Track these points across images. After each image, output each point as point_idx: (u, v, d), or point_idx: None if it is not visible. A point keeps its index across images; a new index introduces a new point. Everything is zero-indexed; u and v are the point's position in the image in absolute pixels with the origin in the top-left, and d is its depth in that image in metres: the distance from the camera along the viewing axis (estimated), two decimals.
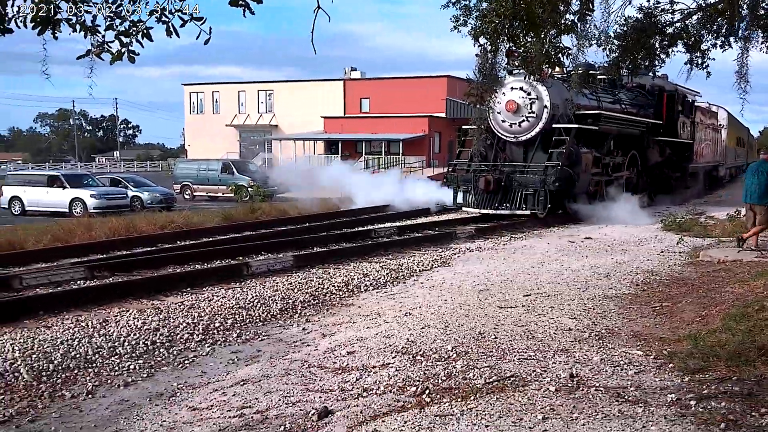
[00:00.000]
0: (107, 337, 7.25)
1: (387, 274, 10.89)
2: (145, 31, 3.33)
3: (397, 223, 17.82)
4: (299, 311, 8.71)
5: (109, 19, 3.30)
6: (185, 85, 65.26)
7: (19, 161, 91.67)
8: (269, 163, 42.98)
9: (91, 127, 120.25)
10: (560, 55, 7.45)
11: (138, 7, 3.31)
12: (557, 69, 15.21)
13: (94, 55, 3.38)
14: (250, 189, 26.79)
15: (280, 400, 5.49)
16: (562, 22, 6.21)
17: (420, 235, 15.45)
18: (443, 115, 49.97)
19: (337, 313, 8.60)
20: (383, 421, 4.77)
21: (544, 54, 6.94)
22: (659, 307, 8.17)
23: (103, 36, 3.35)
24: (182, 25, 3.32)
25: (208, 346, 7.27)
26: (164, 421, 5.27)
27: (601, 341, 6.66)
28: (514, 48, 6.38)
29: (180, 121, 70.12)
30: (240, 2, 3.20)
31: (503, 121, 19.18)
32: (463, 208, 19.93)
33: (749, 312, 6.96)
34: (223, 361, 6.81)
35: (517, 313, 7.93)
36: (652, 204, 22.29)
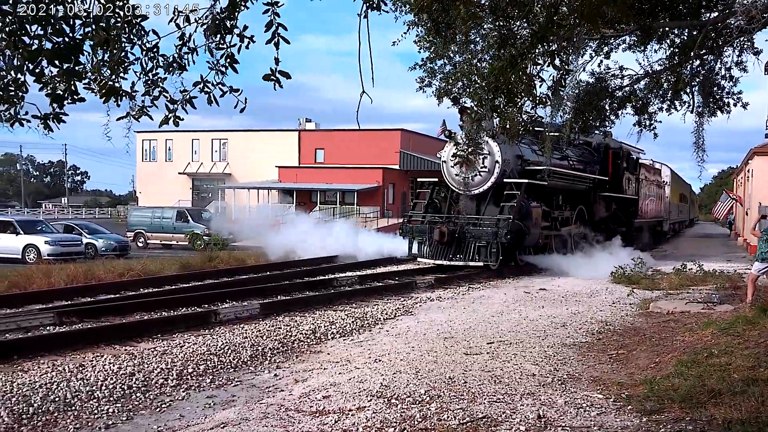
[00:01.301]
0: (84, 381, 7.35)
1: (353, 322, 11.17)
2: (189, 100, 3.71)
3: (358, 273, 18.13)
4: (269, 358, 8.90)
5: (146, 86, 3.67)
6: (138, 132, 64.88)
7: None
8: (224, 212, 42.83)
9: (38, 173, 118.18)
10: (534, 123, 8.14)
11: (167, 75, 3.69)
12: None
13: (133, 117, 3.73)
14: (206, 237, 26.78)
15: None
16: (537, 95, 6.86)
17: (381, 284, 15.79)
18: (397, 166, 50.87)
19: (306, 359, 8.82)
20: None
21: (522, 123, 7.55)
22: (615, 354, 8.65)
23: (143, 101, 3.72)
24: (222, 96, 3.71)
25: (183, 391, 7.41)
26: None
27: (563, 385, 7.07)
28: (496, 116, 7.00)
29: (129, 167, 69.66)
30: (272, 77, 3.60)
31: (457, 175, 19.82)
32: (418, 259, 20.36)
33: (699, 359, 7.48)
34: (199, 405, 6.96)
35: (483, 359, 8.30)
36: None
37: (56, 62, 3.23)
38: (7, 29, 3.11)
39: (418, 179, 23.03)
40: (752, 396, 6.04)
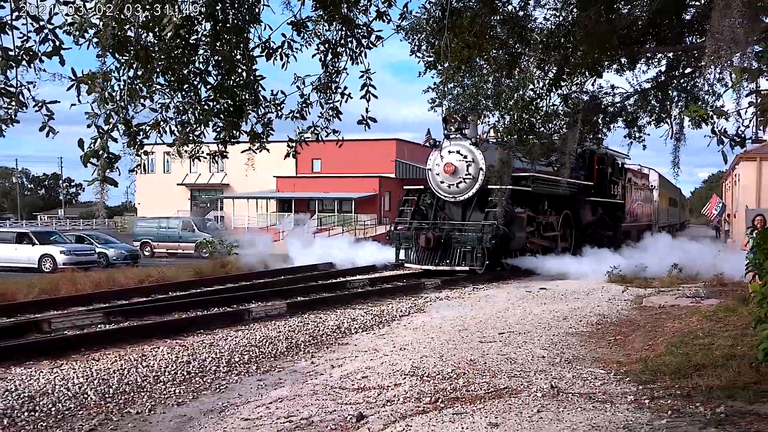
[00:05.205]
0: (150, 368, 8.38)
1: (372, 318, 12.22)
2: (304, 140, 4.94)
3: (367, 276, 19.14)
4: (303, 349, 9.95)
5: (262, 127, 4.91)
6: None
7: None
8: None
9: (32, 186, 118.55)
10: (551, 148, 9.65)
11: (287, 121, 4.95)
12: (492, 133, 16.99)
13: (253, 152, 4.96)
14: (217, 245, 27.87)
15: (318, 410, 6.74)
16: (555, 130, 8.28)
17: (391, 286, 16.84)
18: (393, 175, 51.99)
19: (337, 350, 9.87)
20: (412, 419, 6.08)
21: (544, 149, 8.95)
22: (613, 340, 9.75)
23: (262, 139, 4.93)
24: (327, 136, 4.93)
25: (235, 376, 8.46)
26: (225, 428, 6.45)
27: (570, 364, 8.15)
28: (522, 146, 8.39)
29: (122, 179, 70.41)
30: (363, 121, 4.82)
31: (442, 182, 20.44)
32: (405, 265, 20.78)
33: (686, 340, 8.61)
34: (252, 386, 7.99)
35: (497, 346, 9.37)
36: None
37: (225, 118, 4.46)
38: (195, 97, 4.32)
39: (405, 186, 23.66)
40: (730, 368, 7.13)
